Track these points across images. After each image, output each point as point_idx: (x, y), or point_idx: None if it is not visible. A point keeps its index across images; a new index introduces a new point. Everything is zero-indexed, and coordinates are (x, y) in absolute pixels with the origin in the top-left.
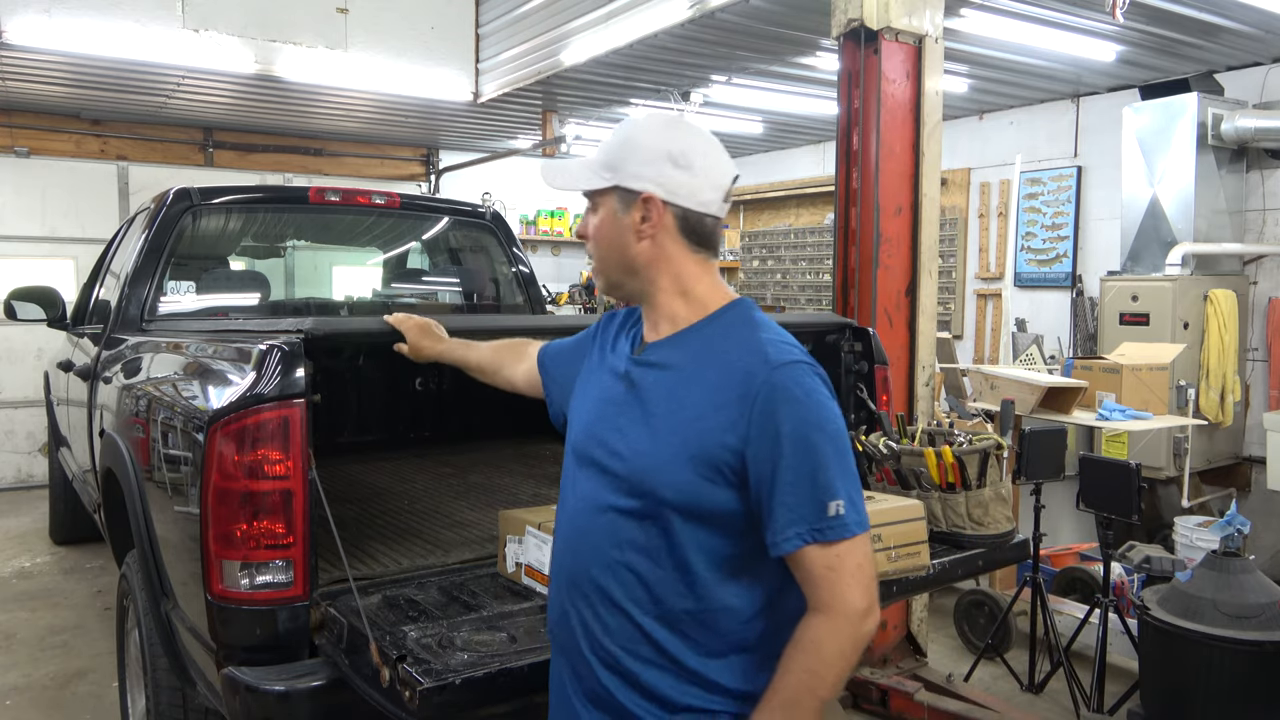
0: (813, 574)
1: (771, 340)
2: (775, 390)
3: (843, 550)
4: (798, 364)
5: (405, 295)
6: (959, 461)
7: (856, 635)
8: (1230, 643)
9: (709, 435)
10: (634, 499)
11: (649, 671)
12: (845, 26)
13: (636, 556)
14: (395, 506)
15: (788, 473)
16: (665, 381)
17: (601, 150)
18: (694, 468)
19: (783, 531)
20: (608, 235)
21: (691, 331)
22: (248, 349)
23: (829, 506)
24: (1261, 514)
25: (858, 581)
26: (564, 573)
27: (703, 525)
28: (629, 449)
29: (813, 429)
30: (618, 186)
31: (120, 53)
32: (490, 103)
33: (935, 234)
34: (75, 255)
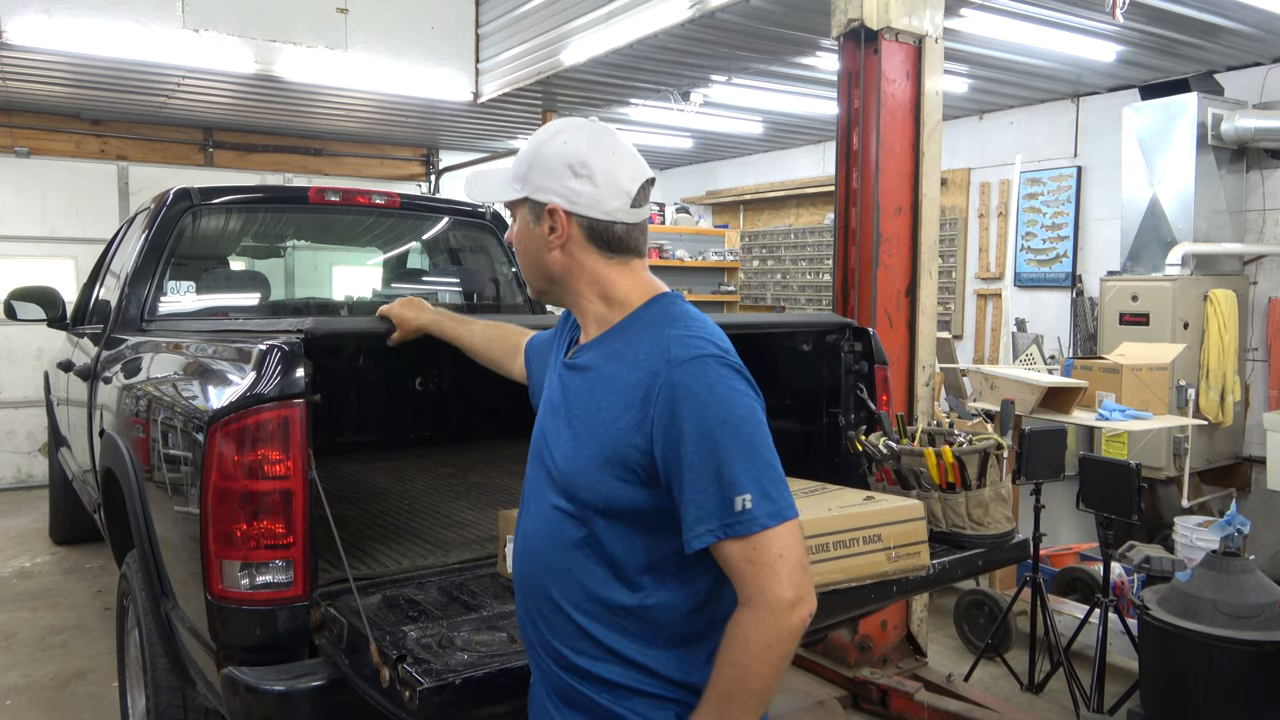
0: (734, 568)
1: (679, 336)
2: (675, 388)
3: (759, 543)
4: (701, 358)
5: (405, 295)
6: (959, 461)
7: (782, 627)
8: (1230, 643)
9: (620, 437)
10: (566, 501)
11: (597, 665)
12: (845, 26)
13: (572, 557)
14: (395, 506)
15: (691, 470)
16: (586, 384)
17: (515, 161)
18: (610, 470)
19: (692, 529)
20: (523, 245)
21: (613, 332)
22: (248, 349)
23: (735, 501)
24: (1261, 514)
25: (778, 573)
26: (519, 575)
27: (625, 525)
28: (559, 452)
29: (714, 424)
30: (527, 198)
31: (120, 53)
32: (490, 103)
33: (935, 234)
34: (75, 255)
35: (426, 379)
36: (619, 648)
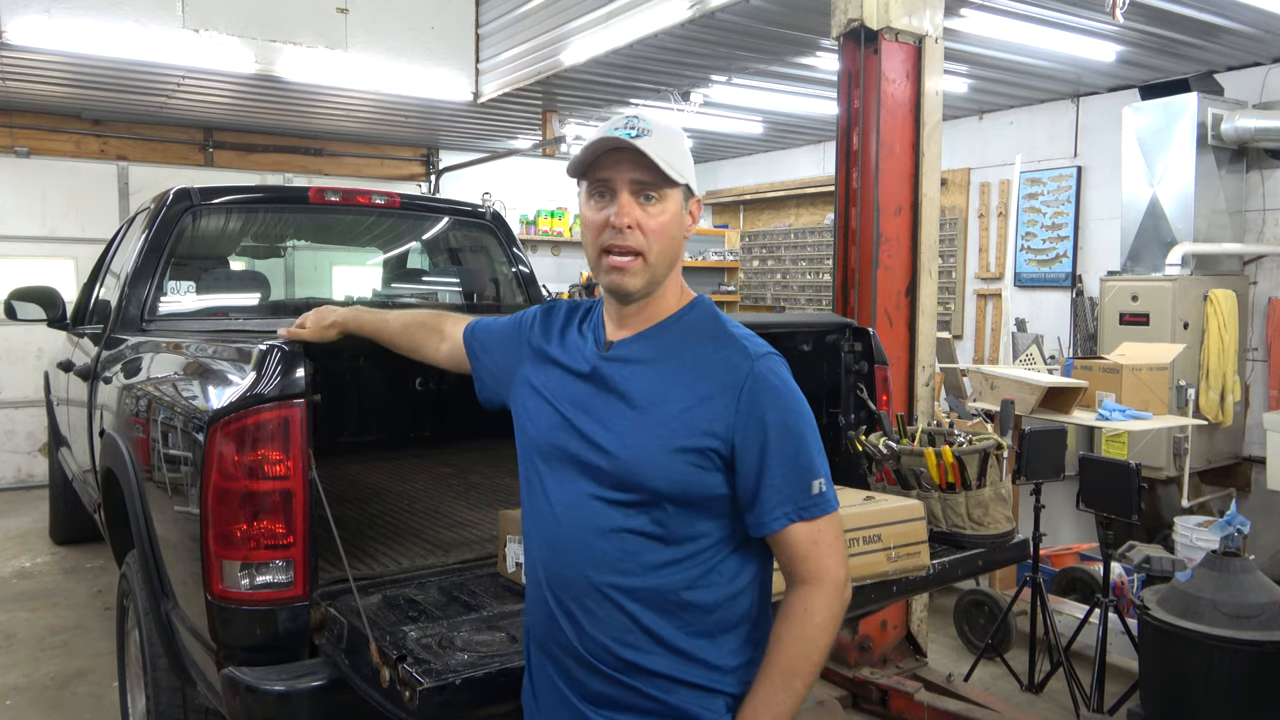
0: (798, 549)
1: (745, 335)
2: (758, 381)
3: (823, 525)
4: (772, 355)
5: (405, 295)
6: (959, 461)
7: (841, 601)
8: (1230, 643)
9: (696, 425)
10: (623, 492)
11: (643, 657)
12: (845, 26)
13: (626, 547)
14: (395, 506)
15: (774, 457)
16: (645, 376)
17: (662, 146)
18: (685, 457)
19: (771, 512)
20: (671, 231)
21: (663, 327)
22: (248, 349)
23: (813, 485)
24: (1261, 514)
25: (837, 552)
26: (546, 573)
27: (694, 511)
28: (616, 444)
29: (791, 414)
30: (686, 185)
31: (120, 53)
32: (490, 103)
33: (935, 234)
34: (75, 255)
35: (426, 379)
36: (668, 636)
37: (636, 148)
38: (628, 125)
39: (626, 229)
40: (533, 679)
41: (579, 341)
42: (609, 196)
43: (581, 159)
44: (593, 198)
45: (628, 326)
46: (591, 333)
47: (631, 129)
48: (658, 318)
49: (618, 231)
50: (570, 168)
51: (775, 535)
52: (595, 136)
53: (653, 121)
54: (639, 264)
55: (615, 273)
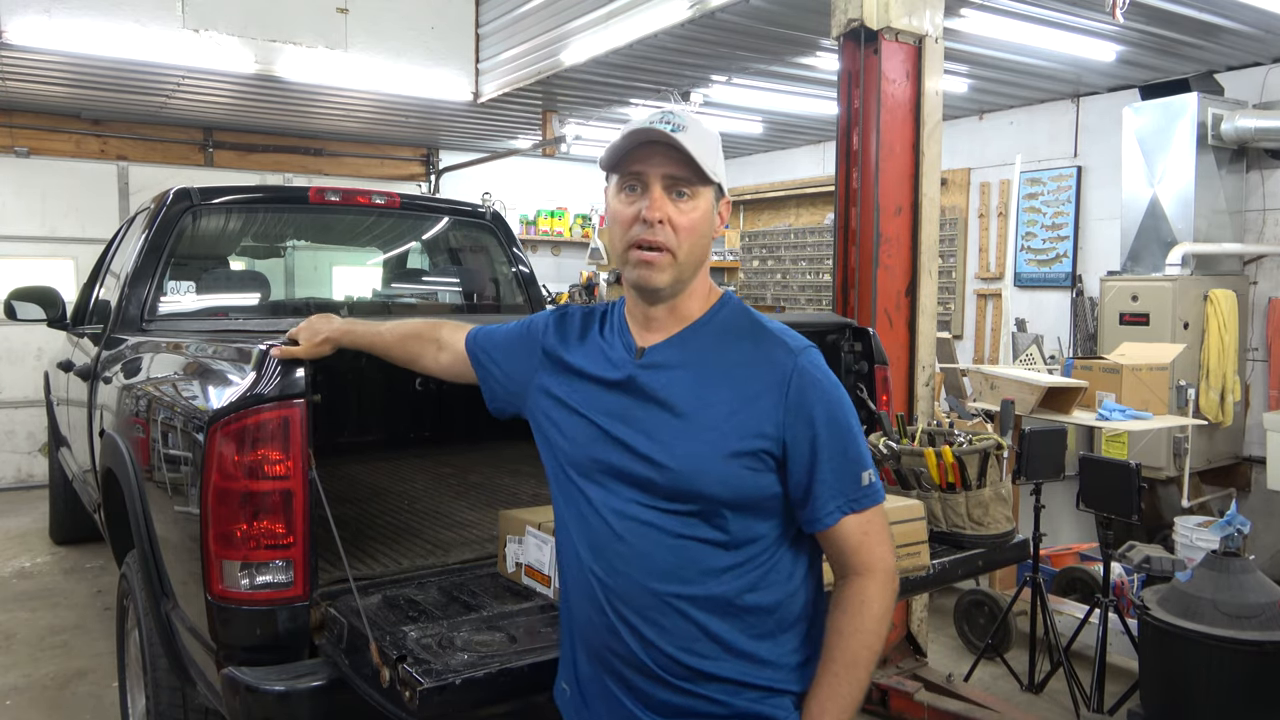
0: (850, 541)
1: (781, 329)
2: (803, 376)
3: (873, 515)
4: (811, 348)
5: (405, 295)
6: (959, 461)
7: (893, 590)
8: (1230, 643)
9: (746, 428)
10: (680, 502)
11: (710, 664)
12: (845, 26)
13: (688, 556)
14: (395, 506)
15: (825, 451)
16: (686, 381)
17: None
18: (739, 461)
19: (824, 507)
20: (702, 229)
21: (697, 329)
22: (248, 349)
23: (862, 477)
24: (1261, 514)
25: (886, 541)
26: (603, 587)
27: (751, 514)
28: (666, 454)
29: (837, 407)
30: (718, 184)
31: (120, 53)
32: (490, 103)
33: (935, 234)
34: (75, 255)
35: (426, 380)
36: (734, 641)
37: (673, 141)
38: (664, 119)
39: (657, 223)
40: (582, 689)
41: (603, 347)
42: (641, 190)
43: (615, 150)
44: (624, 191)
45: (658, 330)
46: (618, 338)
47: (668, 123)
48: (688, 319)
49: (648, 226)
50: (603, 159)
51: (828, 530)
52: (629, 129)
53: (688, 118)
54: (667, 259)
55: (643, 267)
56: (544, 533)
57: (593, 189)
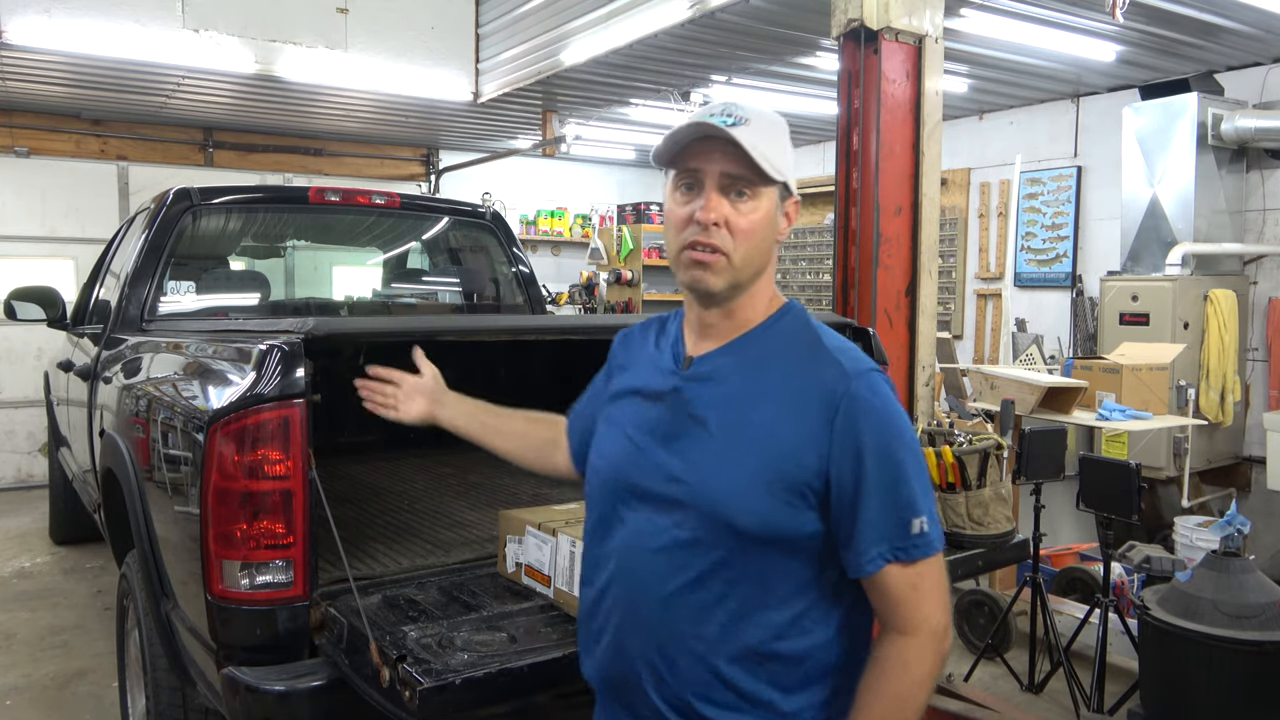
0: (894, 594)
1: (842, 347)
2: (856, 401)
3: (924, 568)
4: (871, 372)
5: (405, 295)
6: (959, 461)
7: (940, 653)
8: (1230, 643)
9: (787, 455)
10: (702, 529)
11: (728, 715)
12: (845, 26)
13: (708, 592)
14: (395, 506)
15: (870, 489)
16: (725, 397)
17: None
18: (773, 492)
19: (865, 552)
20: (762, 232)
21: (748, 340)
22: (248, 349)
23: (913, 523)
24: (1261, 514)
25: (938, 598)
26: (619, 618)
27: (783, 552)
28: (693, 475)
29: (893, 440)
30: (785, 184)
31: (120, 53)
32: (490, 103)
33: (935, 234)
34: (75, 255)
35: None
36: (754, 690)
37: (730, 137)
38: (724, 112)
39: (712, 226)
40: None
41: (656, 358)
42: (696, 189)
43: (669, 146)
44: (679, 189)
45: (710, 337)
46: (670, 348)
47: (728, 116)
48: (744, 328)
49: (702, 228)
50: (657, 154)
51: (870, 577)
52: (686, 121)
53: (751, 109)
54: (722, 262)
55: (696, 268)
56: (544, 533)
57: (593, 189)
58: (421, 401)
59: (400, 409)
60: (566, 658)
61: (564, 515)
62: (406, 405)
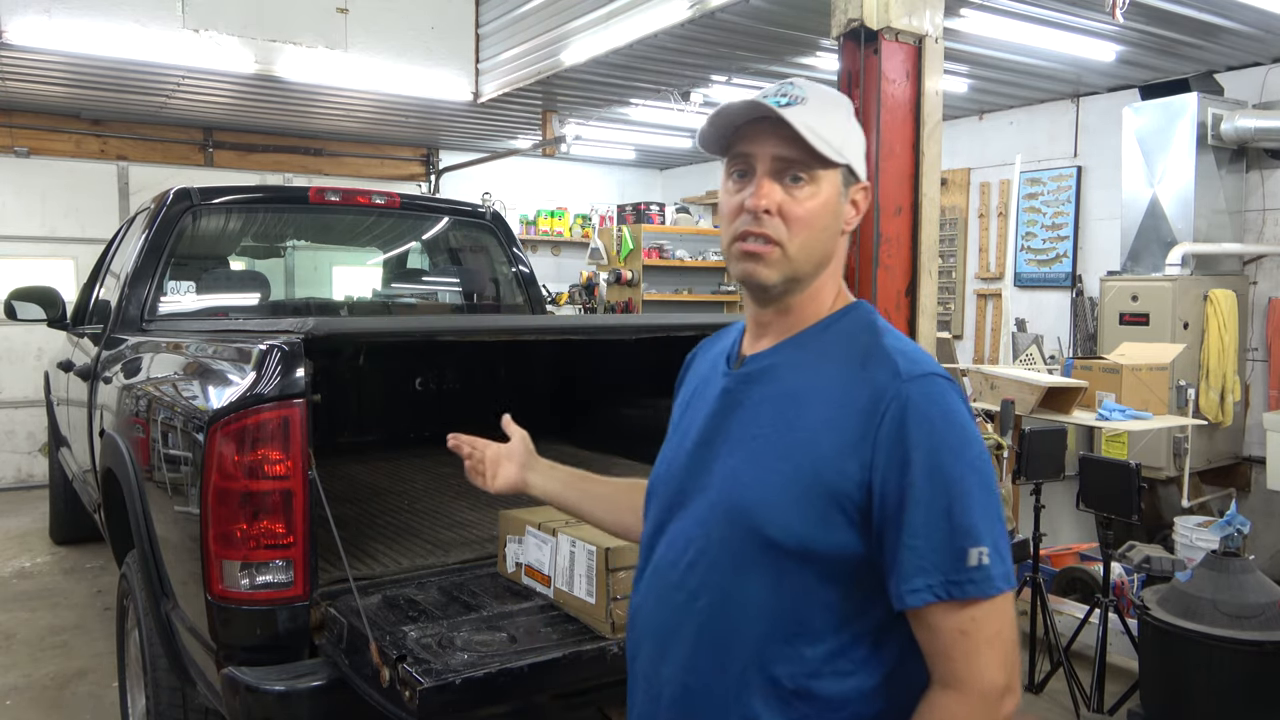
0: (940, 638)
1: (901, 349)
2: (906, 407)
3: (981, 611)
4: (933, 377)
5: (405, 295)
6: None
7: (993, 718)
8: (1230, 643)
9: (826, 461)
10: (730, 540)
11: None
12: (845, 26)
13: (734, 615)
14: (395, 506)
15: (917, 508)
16: (772, 397)
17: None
18: (808, 501)
19: (908, 581)
20: (822, 221)
21: (804, 338)
22: (248, 349)
23: (969, 554)
24: (1261, 514)
25: (994, 651)
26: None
27: (819, 576)
28: (725, 480)
29: (950, 455)
30: (849, 167)
31: (120, 53)
32: (490, 103)
33: (935, 234)
34: (75, 255)
35: (426, 379)
36: None
37: (781, 117)
38: (779, 91)
39: (764, 214)
40: None
41: (715, 361)
42: (749, 176)
43: (716, 130)
44: (731, 176)
45: (766, 336)
46: (729, 349)
47: (782, 95)
48: (801, 326)
49: (754, 217)
50: (703, 140)
51: (914, 613)
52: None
53: (810, 88)
54: (776, 253)
55: (748, 260)
56: (544, 533)
57: (593, 189)
58: (511, 469)
59: (487, 479)
60: (566, 658)
61: (564, 515)
62: (495, 473)
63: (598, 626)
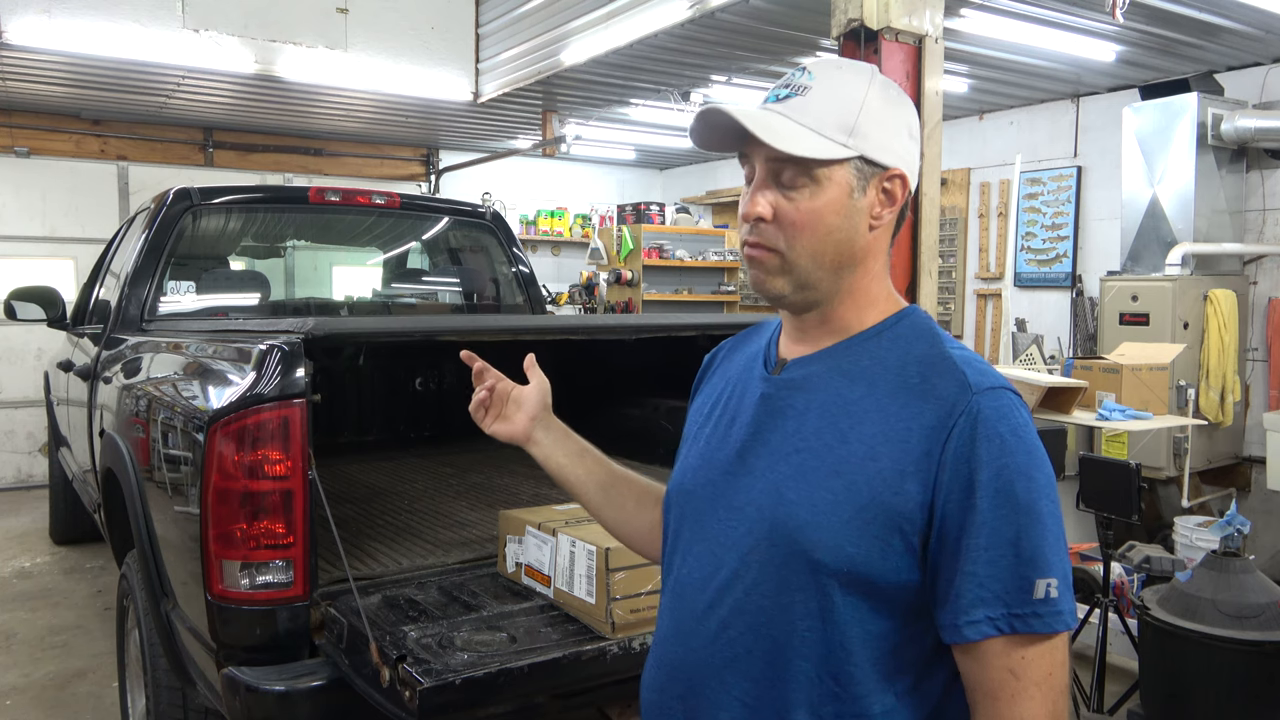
0: (987, 676)
1: (967, 359)
2: (977, 421)
3: (1035, 651)
4: (1002, 390)
5: (405, 295)
6: None
7: None
8: (1230, 643)
9: (885, 480)
10: (770, 563)
11: None
12: (845, 26)
13: (774, 649)
14: (395, 506)
15: (980, 531)
16: (818, 405)
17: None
18: (863, 523)
19: (968, 612)
20: (830, 221)
21: (855, 344)
22: (248, 349)
23: (1036, 585)
24: (1261, 514)
25: (1044, 695)
26: (668, 667)
27: (870, 602)
28: (767, 497)
29: (1019, 477)
30: (862, 157)
31: (120, 53)
32: (490, 103)
33: (935, 234)
34: (75, 255)
35: (426, 379)
36: None
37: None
38: (784, 82)
39: (759, 222)
40: None
41: (749, 362)
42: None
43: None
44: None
45: (807, 342)
46: (764, 352)
47: (785, 87)
48: (847, 331)
49: (751, 225)
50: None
51: (967, 646)
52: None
53: (823, 72)
54: (775, 261)
55: (752, 267)
56: (544, 533)
57: (593, 189)
58: (520, 418)
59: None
60: (566, 658)
61: (564, 515)
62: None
63: (598, 626)
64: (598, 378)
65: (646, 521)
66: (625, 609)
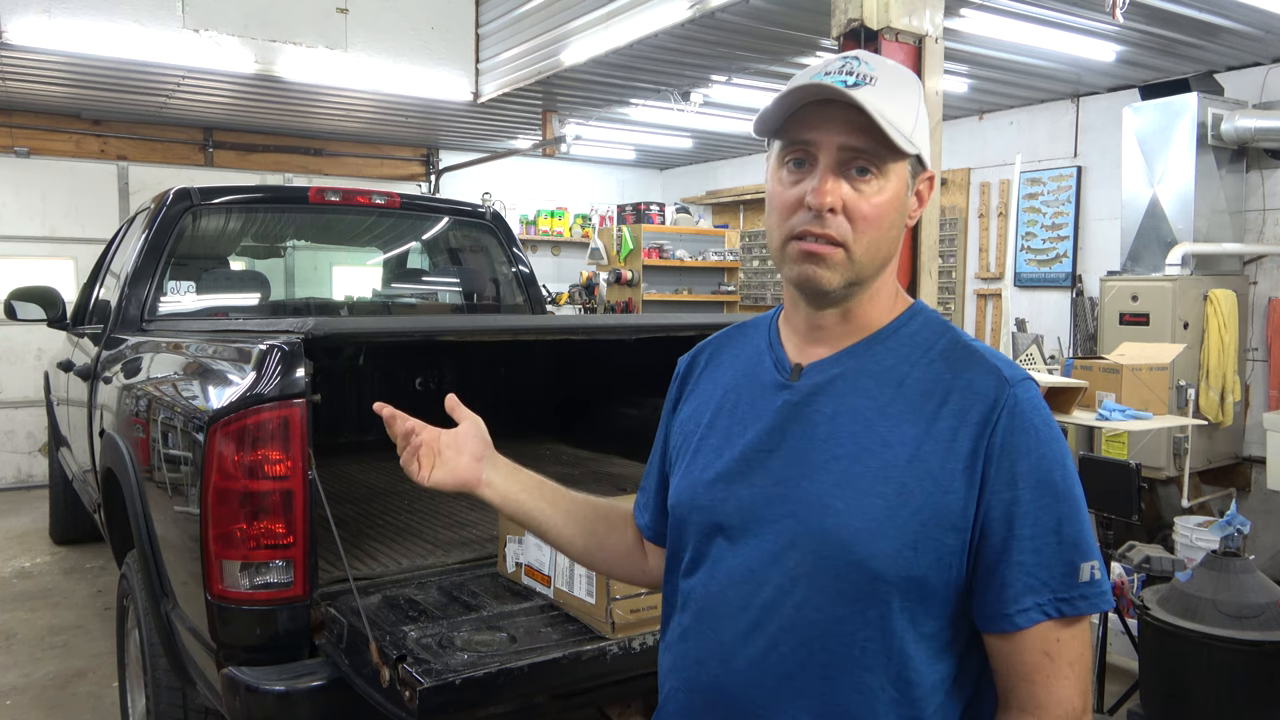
0: (1023, 660)
1: (992, 352)
2: (1016, 414)
3: (1070, 632)
4: (1030, 381)
5: (405, 295)
6: None
7: None
8: (1230, 643)
9: (934, 480)
10: (821, 576)
11: None
12: (845, 26)
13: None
14: (395, 506)
15: (1025, 522)
16: (847, 410)
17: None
18: (919, 525)
19: (1016, 600)
20: (891, 218)
21: (875, 343)
22: (248, 349)
23: (1080, 569)
24: (1261, 514)
25: (1076, 674)
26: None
27: (924, 605)
28: (807, 505)
29: (1055, 467)
30: (919, 157)
31: (120, 53)
32: (490, 103)
33: (935, 234)
34: (75, 255)
35: (427, 379)
36: None
37: (853, 101)
38: (843, 69)
39: (828, 213)
40: None
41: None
42: (809, 165)
43: (776, 110)
44: (785, 164)
45: (823, 342)
46: (767, 355)
47: (849, 74)
48: (866, 330)
49: (815, 216)
50: (759, 123)
51: (1011, 635)
52: (796, 82)
53: (880, 65)
54: (840, 255)
55: (808, 261)
56: None
57: (593, 189)
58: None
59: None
60: (566, 658)
61: None
62: (435, 463)
63: (598, 626)
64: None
65: (624, 544)
66: (625, 609)
